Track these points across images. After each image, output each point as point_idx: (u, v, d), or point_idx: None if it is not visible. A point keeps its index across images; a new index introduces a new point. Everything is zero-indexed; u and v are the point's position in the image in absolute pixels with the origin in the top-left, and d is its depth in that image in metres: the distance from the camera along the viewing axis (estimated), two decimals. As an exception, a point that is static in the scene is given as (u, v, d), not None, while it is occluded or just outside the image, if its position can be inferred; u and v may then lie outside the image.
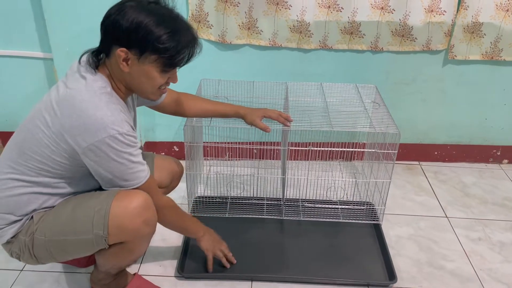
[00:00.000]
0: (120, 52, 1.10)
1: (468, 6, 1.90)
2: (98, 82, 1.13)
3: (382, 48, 2.00)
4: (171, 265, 1.60)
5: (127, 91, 1.20)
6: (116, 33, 1.09)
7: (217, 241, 1.55)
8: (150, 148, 2.23)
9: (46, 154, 1.14)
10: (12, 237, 1.21)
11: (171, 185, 1.62)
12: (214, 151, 2.16)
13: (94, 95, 1.10)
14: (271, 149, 2.14)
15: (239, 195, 1.98)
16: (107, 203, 1.16)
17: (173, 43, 1.09)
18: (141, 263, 1.60)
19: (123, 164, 1.13)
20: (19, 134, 1.19)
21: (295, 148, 1.81)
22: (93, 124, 1.07)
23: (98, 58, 1.16)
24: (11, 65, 2.04)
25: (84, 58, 1.16)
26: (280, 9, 1.89)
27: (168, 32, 1.08)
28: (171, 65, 1.14)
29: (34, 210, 1.21)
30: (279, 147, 2.06)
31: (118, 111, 1.12)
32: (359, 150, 2.18)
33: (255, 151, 2.19)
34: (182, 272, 1.55)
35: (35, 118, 1.15)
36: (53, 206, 1.22)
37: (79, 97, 1.10)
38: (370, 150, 2.01)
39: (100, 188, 1.25)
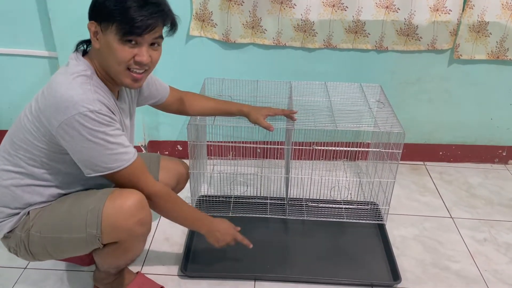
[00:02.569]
0: (90, 25, 1.11)
1: (473, 5, 1.88)
2: (79, 67, 1.14)
3: (387, 48, 1.99)
4: (174, 264, 1.59)
5: (109, 77, 1.18)
6: (89, 12, 1.12)
7: (224, 235, 1.42)
8: (154, 147, 2.23)
9: (29, 140, 1.15)
10: (9, 232, 1.22)
11: (177, 187, 1.62)
12: (218, 151, 2.16)
13: (70, 77, 1.10)
14: (275, 148, 2.14)
15: (242, 194, 1.97)
16: (101, 201, 1.15)
17: (129, 5, 1.06)
18: (144, 261, 1.60)
19: (99, 144, 1.09)
20: (13, 126, 1.21)
21: (299, 147, 1.81)
22: (63, 102, 1.07)
23: (87, 46, 1.18)
24: (16, 63, 2.04)
25: (77, 47, 1.19)
26: (284, 8, 1.89)
27: None
28: (127, 29, 1.07)
29: (29, 205, 1.21)
30: (283, 147, 2.05)
31: (91, 91, 1.10)
32: (363, 149, 2.17)
33: (258, 150, 2.19)
34: (185, 271, 1.54)
35: (26, 108, 1.18)
36: (49, 201, 1.22)
37: (57, 79, 1.11)
38: (375, 149, 2.00)
39: (97, 186, 1.25)
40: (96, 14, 1.10)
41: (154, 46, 1.15)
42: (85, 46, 1.19)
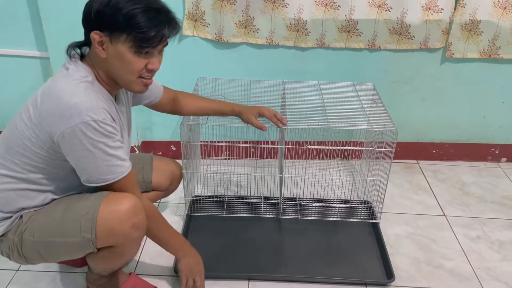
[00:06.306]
0: (94, 35, 1.08)
1: (465, 4, 1.89)
2: (80, 72, 1.12)
3: (379, 47, 2.00)
4: (167, 265, 1.58)
5: (112, 83, 1.17)
6: (90, 18, 1.09)
7: (196, 267, 1.41)
8: (147, 147, 2.22)
9: (28, 147, 1.13)
10: (1, 236, 1.21)
11: (171, 188, 1.62)
12: (212, 151, 2.15)
13: (73, 83, 1.09)
14: (269, 148, 2.13)
15: (236, 194, 1.97)
16: (95, 206, 1.14)
17: (141, 18, 1.05)
18: (137, 262, 1.59)
19: (96, 154, 1.09)
20: (7, 130, 1.20)
21: (292, 146, 1.81)
22: (67, 110, 1.05)
23: (81, 50, 1.16)
24: (7, 64, 2.03)
25: (70, 51, 1.16)
26: (277, 7, 1.88)
27: (136, 7, 1.05)
28: (143, 42, 1.07)
29: (23, 209, 1.20)
30: (276, 146, 2.05)
31: (96, 98, 1.09)
32: (356, 148, 2.17)
33: (252, 150, 2.18)
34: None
35: (21, 112, 1.16)
36: (43, 205, 1.21)
37: (58, 85, 1.10)
38: (368, 148, 2.00)
39: (93, 189, 1.24)
40: (103, 24, 1.07)
41: (161, 52, 1.16)
42: (78, 51, 1.16)
